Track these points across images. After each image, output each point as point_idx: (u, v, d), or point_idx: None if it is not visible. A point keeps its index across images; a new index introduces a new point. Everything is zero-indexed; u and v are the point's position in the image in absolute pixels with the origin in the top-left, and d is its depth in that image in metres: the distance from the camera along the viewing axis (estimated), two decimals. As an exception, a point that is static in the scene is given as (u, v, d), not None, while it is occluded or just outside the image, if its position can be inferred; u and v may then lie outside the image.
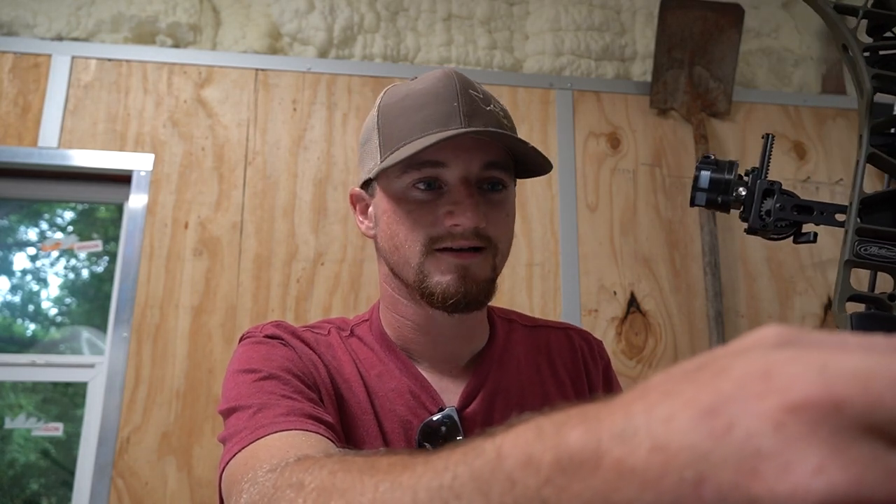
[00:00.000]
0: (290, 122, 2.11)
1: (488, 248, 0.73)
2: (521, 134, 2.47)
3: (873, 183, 0.65)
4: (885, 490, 0.18)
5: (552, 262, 2.11)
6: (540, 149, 2.29)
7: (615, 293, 2.12)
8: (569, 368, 0.86)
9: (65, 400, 2.20)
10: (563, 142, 2.21)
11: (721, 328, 2.05)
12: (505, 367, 0.82)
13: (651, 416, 0.22)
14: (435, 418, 0.73)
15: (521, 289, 2.08)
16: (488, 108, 0.73)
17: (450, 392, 0.78)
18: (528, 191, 2.15)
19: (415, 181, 0.72)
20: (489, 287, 0.74)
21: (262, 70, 2.13)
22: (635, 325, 2.11)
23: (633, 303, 2.12)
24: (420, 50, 2.26)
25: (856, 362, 0.19)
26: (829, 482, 0.18)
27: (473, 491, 0.27)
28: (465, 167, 0.71)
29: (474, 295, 0.72)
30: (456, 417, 0.74)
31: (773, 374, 0.20)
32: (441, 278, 0.71)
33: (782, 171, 2.30)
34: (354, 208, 0.82)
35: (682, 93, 2.27)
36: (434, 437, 0.73)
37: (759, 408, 0.20)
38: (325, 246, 2.03)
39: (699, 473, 0.20)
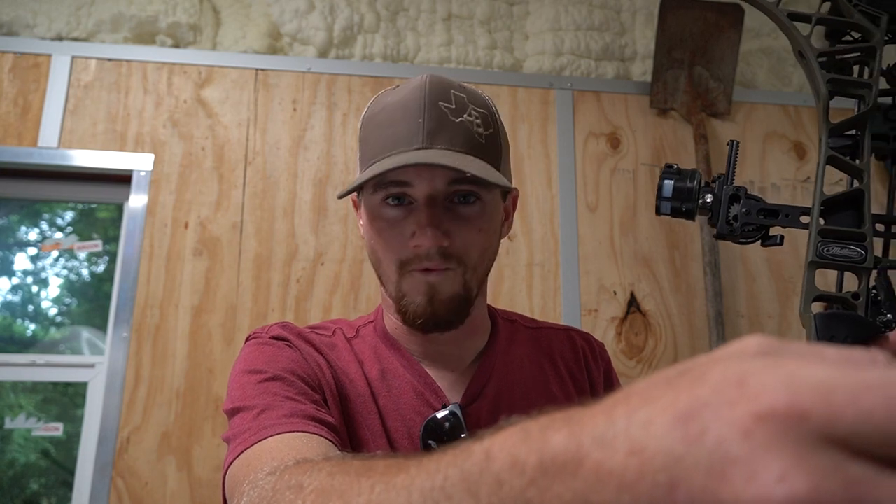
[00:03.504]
0: (290, 122, 2.11)
1: (457, 268, 0.73)
2: (521, 134, 2.44)
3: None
4: (843, 499, 0.19)
5: (552, 262, 2.11)
6: (540, 149, 2.29)
7: (615, 293, 2.13)
8: (571, 368, 0.87)
9: (65, 400, 2.20)
10: (563, 142, 2.21)
11: (721, 328, 2.05)
12: (509, 364, 0.83)
13: (630, 421, 0.22)
14: (439, 415, 0.74)
15: (521, 289, 2.08)
16: (458, 120, 0.72)
17: (454, 389, 0.79)
18: (528, 191, 2.16)
19: (384, 198, 0.73)
20: (461, 305, 0.74)
21: (262, 70, 2.13)
22: (635, 325, 2.11)
23: (633, 303, 2.12)
24: (420, 50, 2.26)
25: (822, 374, 0.20)
26: (791, 490, 0.19)
27: (463, 492, 0.28)
28: (429, 186, 0.71)
29: (443, 315, 0.73)
30: (460, 414, 0.74)
31: (746, 382, 0.21)
32: (413, 298, 0.73)
33: (782, 171, 2.30)
34: (357, 211, 0.84)
35: (682, 93, 2.27)
36: (438, 434, 0.73)
37: (731, 415, 0.20)
38: (325, 246, 2.03)
39: (672, 477, 0.20)
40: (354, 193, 0.82)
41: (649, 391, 0.23)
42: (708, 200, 0.66)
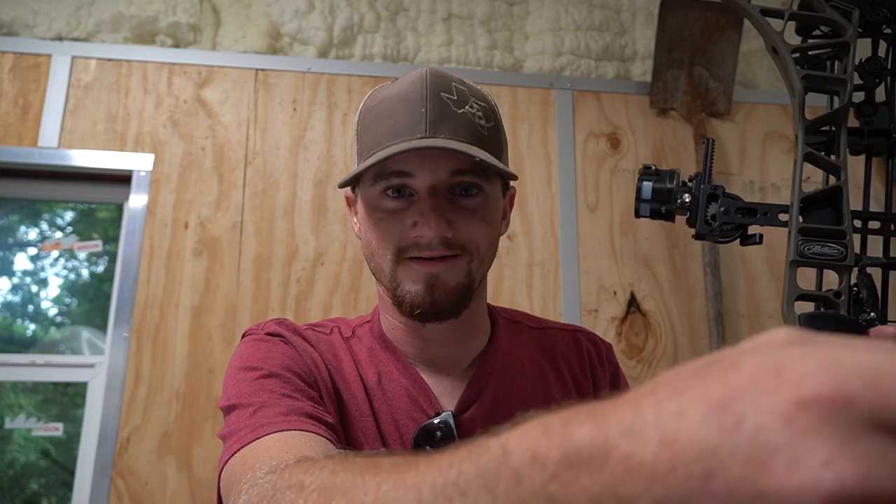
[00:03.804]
0: (290, 122, 2.11)
1: (462, 255, 0.71)
2: (521, 134, 2.43)
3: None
4: (892, 484, 0.18)
5: (552, 262, 2.11)
6: (540, 149, 2.29)
7: (615, 293, 2.12)
8: (574, 372, 0.84)
9: (65, 400, 2.20)
10: (563, 142, 2.21)
11: (721, 328, 2.05)
12: (507, 370, 0.81)
13: (660, 412, 0.22)
14: (432, 423, 0.73)
15: (521, 289, 2.08)
16: (460, 111, 0.71)
17: (449, 395, 0.77)
18: (528, 191, 2.15)
19: (384, 189, 0.71)
20: (462, 295, 0.72)
21: (262, 70, 2.13)
22: (635, 325, 2.11)
23: (633, 303, 2.12)
24: (420, 50, 2.26)
25: (865, 359, 0.20)
26: (838, 476, 0.18)
27: (479, 488, 0.27)
28: (432, 176, 0.70)
29: (443, 304, 0.71)
30: (452, 423, 0.73)
31: (784, 370, 0.20)
32: (411, 287, 0.71)
33: (782, 171, 2.30)
34: (350, 209, 0.83)
35: (682, 93, 2.27)
36: (430, 442, 0.72)
37: (769, 403, 0.20)
38: (325, 246, 2.03)
39: (708, 468, 0.20)
40: (348, 190, 0.80)
41: (677, 382, 0.23)
42: (686, 200, 0.65)
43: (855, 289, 0.60)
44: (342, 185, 0.74)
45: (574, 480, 0.23)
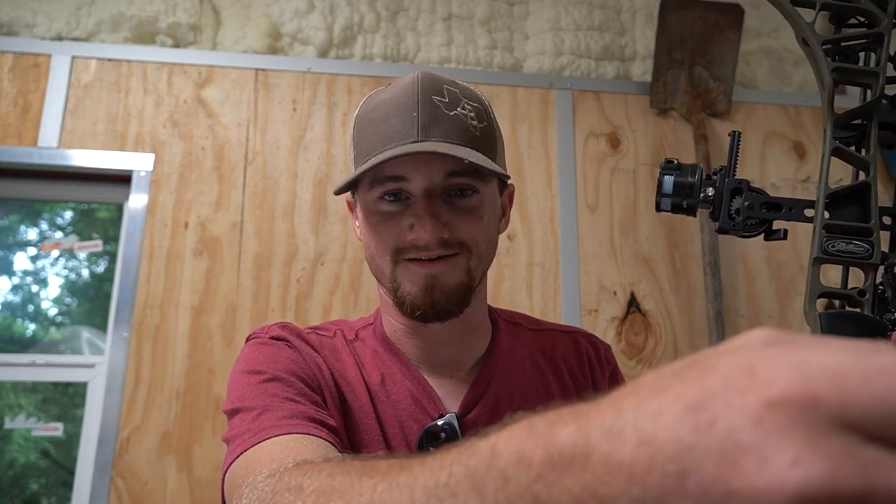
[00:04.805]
0: (290, 122, 2.11)
1: (461, 253, 0.72)
2: (521, 134, 2.43)
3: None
4: (857, 482, 0.19)
5: (552, 262, 2.11)
6: (540, 149, 2.29)
7: (615, 293, 2.12)
8: (574, 373, 0.85)
9: (65, 400, 2.20)
10: (563, 142, 2.21)
11: (721, 328, 2.05)
12: (508, 372, 0.82)
13: (639, 412, 0.22)
14: (436, 424, 0.74)
15: (521, 289, 2.08)
16: (452, 113, 0.72)
17: (452, 397, 0.78)
18: (528, 191, 2.16)
19: (381, 195, 0.72)
20: (462, 294, 0.73)
21: (262, 70, 2.13)
22: (635, 325, 2.11)
23: (633, 303, 2.12)
24: (420, 50, 2.26)
25: (832, 360, 0.20)
26: (805, 475, 0.19)
27: (468, 488, 0.28)
28: (426, 179, 0.71)
29: (443, 305, 0.72)
30: (456, 424, 0.74)
31: (756, 371, 0.21)
32: (410, 288, 0.72)
33: (782, 171, 2.30)
34: (352, 212, 0.83)
35: (682, 93, 2.27)
36: (435, 443, 0.73)
37: (741, 403, 0.20)
38: (325, 246, 2.03)
39: (683, 467, 0.20)
40: (349, 195, 0.81)
41: (657, 383, 0.23)
42: (709, 194, 0.63)
43: (880, 288, 0.58)
44: (338, 192, 0.75)
45: (558, 481, 0.23)
